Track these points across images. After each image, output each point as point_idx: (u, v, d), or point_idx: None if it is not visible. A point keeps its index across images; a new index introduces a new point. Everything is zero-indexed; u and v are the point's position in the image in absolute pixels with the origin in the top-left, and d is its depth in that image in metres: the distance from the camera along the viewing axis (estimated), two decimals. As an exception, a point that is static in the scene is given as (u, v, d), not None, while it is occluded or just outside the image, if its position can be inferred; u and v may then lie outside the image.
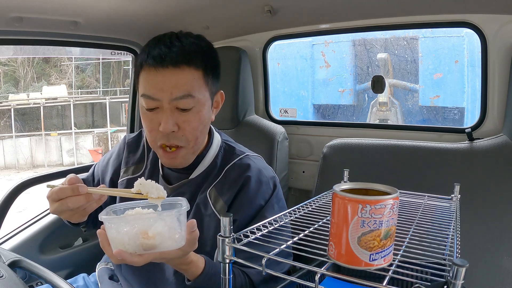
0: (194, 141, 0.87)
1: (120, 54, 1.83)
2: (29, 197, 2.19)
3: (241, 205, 0.90)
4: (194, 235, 0.69)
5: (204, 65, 0.85)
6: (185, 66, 0.82)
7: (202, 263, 0.79)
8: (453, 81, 2.55)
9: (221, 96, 0.96)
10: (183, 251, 0.69)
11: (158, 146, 0.88)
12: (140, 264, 0.65)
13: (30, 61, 14.52)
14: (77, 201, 0.70)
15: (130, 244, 0.63)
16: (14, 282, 0.69)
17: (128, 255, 0.63)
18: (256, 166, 0.94)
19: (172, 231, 0.65)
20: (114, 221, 0.64)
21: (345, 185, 0.58)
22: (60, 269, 1.45)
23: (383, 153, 1.29)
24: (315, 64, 2.67)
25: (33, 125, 12.59)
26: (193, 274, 0.78)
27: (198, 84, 0.85)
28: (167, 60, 0.80)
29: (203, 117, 0.87)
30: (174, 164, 0.91)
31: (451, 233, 0.67)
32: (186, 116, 0.84)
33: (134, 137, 1.08)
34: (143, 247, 0.63)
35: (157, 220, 0.64)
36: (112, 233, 0.64)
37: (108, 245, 0.65)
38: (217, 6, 1.36)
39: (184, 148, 0.87)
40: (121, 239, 0.63)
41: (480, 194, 1.12)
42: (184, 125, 0.84)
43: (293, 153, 1.64)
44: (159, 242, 0.64)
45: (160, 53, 0.81)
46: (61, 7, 1.17)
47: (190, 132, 0.85)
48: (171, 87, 0.81)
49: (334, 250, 0.53)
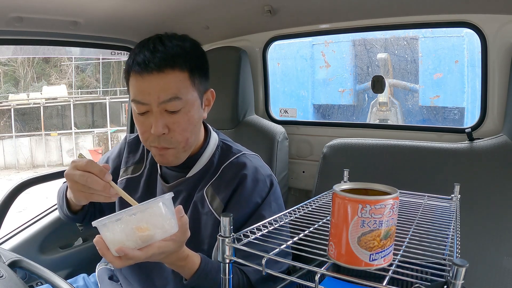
0: (184, 142, 0.89)
1: (120, 54, 1.83)
2: (29, 197, 2.19)
3: (237, 203, 0.90)
4: (183, 220, 0.70)
5: (189, 66, 0.86)
6: (169, 69, 0.83)
7: (198, 259, 0.80)
8: (453, 81, 2.54)
9: (211, 94, 0.96)
10: (178, 241, 0.70)
11: (150, 146, 0.91)
12: (142, 258, 0.65)
13: (30, 61, 14.52)
14: (96, 183, 0.70)
15: (129, 240, 0.64)
16: (14, 282, 0.69)
17: (130, 250, 0.64)
18: (253, 165, 0.95)
19: (163, 218, 0.67)
20: (107, 224, 0.65)
21: (345, 185, 0.58)
22: (60, 269, 1.45)
23: (383, 153, 1.29)
24: (315, 64, 2.67)
25: (33, 125, 12.60)
26: (190, 271, 0.79)
27: (185, 85, 0.85)
28: (151, 65, 0.81)
29: (192, 118, 0.88)
30: (166, 162, 0.92)
31: (451, 233, 0.67)
32: (175, 117, 0.85)
33: (134, 138, 1.09)
34: (141, 239, 0.65)
35: (146, 212, 0.66)
36: (108, 235, 0.65)
37: (107, 250, 0.66)
38: (217, 6, 1.37)
39: (174, 149, 0.89)
40: (119, 238, 0.64)
41: (480, 194, 1.12)
42: (174, 127, 0.86)
43: (293, 153, 1.64)
44: (154, 232, 0.65)
45: (144, 59, 0.82)
46: (61, 7, 1.17)
47: (179, 133, 0.87)
48: (157, 91, 0.82)
49: (334, 250, 0.53)
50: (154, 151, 0.91)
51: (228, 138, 1.05)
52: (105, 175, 0.71)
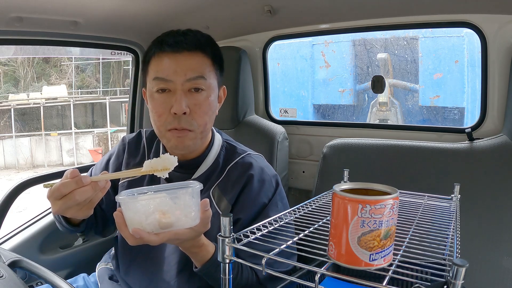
0: (203, 126, 0.90)
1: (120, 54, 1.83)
2: (29, 197, 2.19)
3: (244, 204, 0.91)
4: (207, 214, 0.70)
5: (212, 54, 0.92)
6: (199, 51, 0.89)
7: (212, 249, 0.79)
8: (453, 81, 2.55)
9: (223, 91, 1.00)
10: (196, 231, 0.70)
11: (166, 130, 0.89)
12: (157, 243, 0.65)
13: (30, 61, 14.52)
14: (84, 193, 0.68)
15: (148, 223, 0.64)
16: (14, 282, 0.69)
17: (146, 234, 0.63)
18: (258, 165, 0.95)
19: (187, 209, 0.66)
20: (131, 202, 0.64)
21: (345, 185, 0.58)
22: (60, 269, 1.45)
23: (383, 153, 1.29)
24: (315, 64, 2.67)
25: (33, 125, 12.59)
26: (203, 259, 0.78)
27: (209, 70, 0.90)
28: (183, 45, 0.87)
29: (212, 103, 0.92)
30: (183, 144, 0.90)
31: (451, 233, 0.67)
32: (198, 98, 0.88)
33: (133, 138, 1.07)
34: (160, 225, 0.64)
35: (173, 199, 0.65)
36: (129, 213, 0.64)
37: (125, 226, 0.65)
38: (217, 6, 1.36)
39: (193, 132, 0.89)
40: (138, 219, 0.64)
41: (480, 194, 1.12)
42: (195, 108, 0.88)
43: (293, 153, 1.64)
44: (175, 220, 0.65)
45: (176, 41, 0.87)
46: (61, 7, 1.17)
47: (200, 116, 0.88)
48: (185, 69, 0.86)
49: (334, 250, 0.53)
50: (170, 135, 0.89)
51: (231, 138, 1.05)
52: (82, 180, 0.67)
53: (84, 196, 0.68)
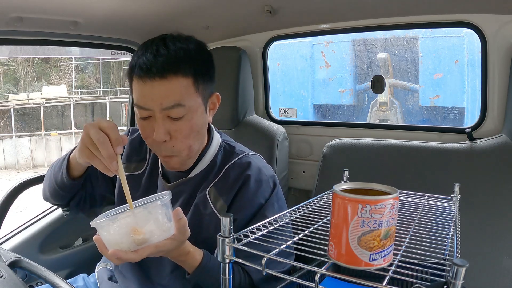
0: (187, 149, 0.87)
1: (120, 54, 1.83)
2: (29, 197, 2.19)
3: (241, 204, 0.90)
4: (182, 222, 0.70)
5: (193, 71, 0.83)
6: (172, 75, 0.80)
7: (199, 255, 0.80)
8: (453, 81, 2.55)
9: (217, 98, 0.94)
10: (177, 240, 0.70)
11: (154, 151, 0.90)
12: (137, 260, 0.66)
13: (30, 61, 14.52)
14: (105, 148, 0.68)
15: (123, 242, 0.65)
16: (14, 282, 0.69)
17: (123, 253, 0.64)
18: (256, 165, 0.94)
19: (160, 221, 0.67)
20: (104, 224, 0.65)
21: (345, 185, 0.58)
22: (60, 269, 1.45)
23: (383, 153, 1.29)
24: (315, 64, 2.67)
25: (33, 125, 12.59)
26: (192, 266, 0.79)
27: (188, 92, 0.82)
28: (153, 71, 0.78)
29: (195, 125, 0.86)
30: (172, 167, 0.91)
31: (451, 233, 0.67)
32: (178, 124, 0.83)
33: (138, 134, 1.06)
34: (136, 242, 0.65)
35: (144, 214, 0.66)
36: (104, 235, 0.65)
37: (105, 248, 0.66)
38: (217, 6, 1.36)
39: (177, 156, 0.88)
40: (114, 239, 0.65)
41: (480, 194, 1.12)
42: (175, 134, 0.84)
43: (293, 153, 1.64)
44: (149, 235, 0.66)
45: (146, 63, 0.79)
46: (61, 7, 1.17)
47: (181, 141, 0.85)
48: (160, 97, 0.80)
49: (334, 250, 0.53)
50: (158, 155, 0.91)
51: (231, 139, 1.05)
52: (118, 146, 0.69)
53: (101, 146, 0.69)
